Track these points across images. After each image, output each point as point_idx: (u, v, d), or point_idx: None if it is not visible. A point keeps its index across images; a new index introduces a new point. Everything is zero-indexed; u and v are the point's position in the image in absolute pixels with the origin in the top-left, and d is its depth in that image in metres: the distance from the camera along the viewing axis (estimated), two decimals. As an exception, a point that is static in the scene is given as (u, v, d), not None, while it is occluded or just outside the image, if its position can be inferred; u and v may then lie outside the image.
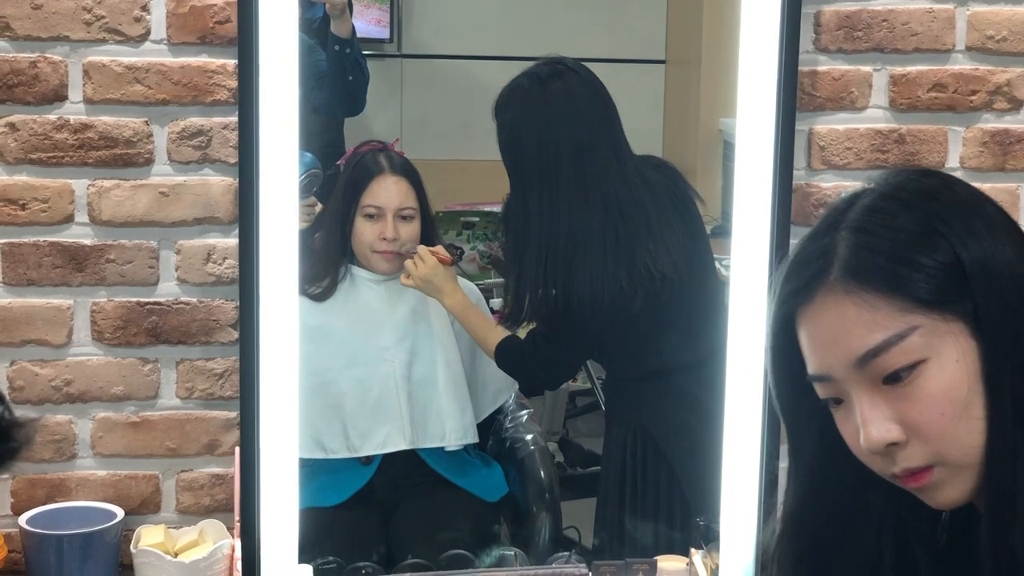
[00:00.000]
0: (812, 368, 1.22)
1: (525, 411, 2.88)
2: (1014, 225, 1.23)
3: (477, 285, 2.86)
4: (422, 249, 2.66)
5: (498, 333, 2.65)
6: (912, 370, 1.17)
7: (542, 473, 2.78)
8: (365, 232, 2.69)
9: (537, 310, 2.57)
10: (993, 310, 1.17)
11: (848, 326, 1.18)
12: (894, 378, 1.17)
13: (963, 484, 1.19)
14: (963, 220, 1.19)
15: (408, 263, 2.65)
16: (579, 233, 2.51)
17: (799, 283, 1.22)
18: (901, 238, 1.18)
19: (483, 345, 2.67)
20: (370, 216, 2.69)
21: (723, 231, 3.02)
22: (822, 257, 1.21)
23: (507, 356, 2.64)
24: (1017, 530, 1.16)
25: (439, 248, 2.69)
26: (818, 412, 1.26)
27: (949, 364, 1.17)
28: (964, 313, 1.17)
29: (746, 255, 2.20)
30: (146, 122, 2.19)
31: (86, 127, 2.18)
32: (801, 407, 1.28)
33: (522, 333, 2.69)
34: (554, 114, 2.55)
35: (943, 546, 1.28)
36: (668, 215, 2.60)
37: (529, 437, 2.83)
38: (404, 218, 2.70)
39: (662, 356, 2.61)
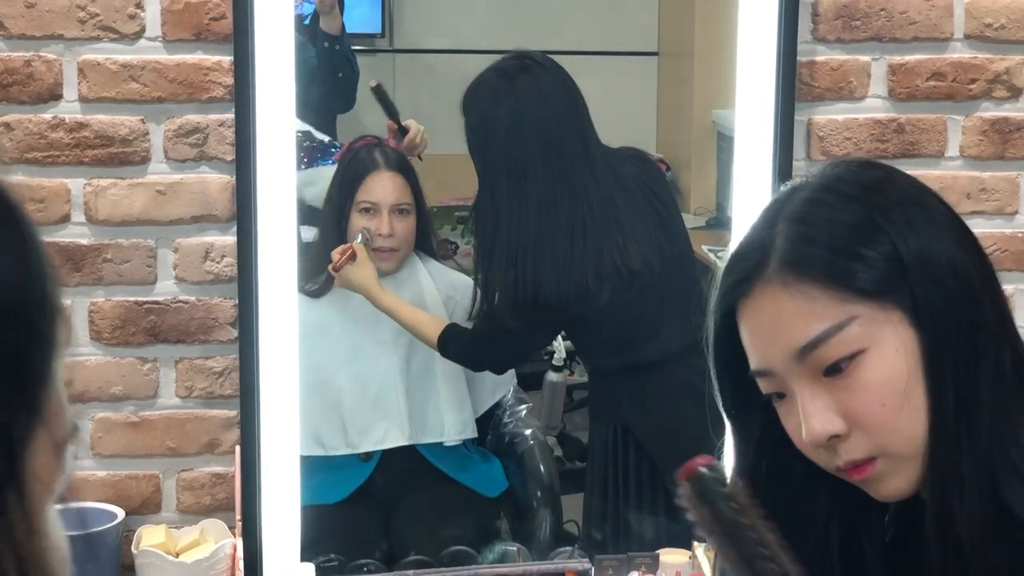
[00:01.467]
0: (753, 363, 1.21)
1: (524, 406, 2.87)
2: (955, 217, 1.22)
3: (474, 279, 2.85)
4: (334, 254, 2.63)
5: (436, 324, 2.64)
6: (852, 360, 1.16)
7: (542, 468, 2.77)
8: (360, 228, 2.67)
9: (505, 304, 2.57)
10: (933, 301, 1.16)
11: (787, 318, 1.17)
12: (834, 369, 1.16)
13: (907, 475, 1.18)
14: (903, 212, 1.18)
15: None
16: (547, 227, 2.51)
17: (738, 276, 1.21)
18: (840, 230, 1.17)
19: (423, 338, 2.64)
20: (366, 212, 2.68)
21: (718, 223, 3.02)
22: (760, 249, 1.19)
23: (453, 344, 2.62)
24: (963, 519, 1.15)
25: (341, 248, 2.64)
26: (761, 408, 1.25)
27: (889, 353, 1.16)
28: (903, 303, 1.16)
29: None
30: (142, 120, 2.17)
31: (81, 126, 2.16)
32: (744, 403, 1.27)
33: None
34: (522, 108, 2.54)
35: (890, 538, 1.27)
36: (640, 208, 2.59)
37: (528, 432, 2.83)
38: (400, 213, 2.69)
39: (637, 351, 2.60)
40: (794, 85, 2.19)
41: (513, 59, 2.60)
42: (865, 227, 1.17)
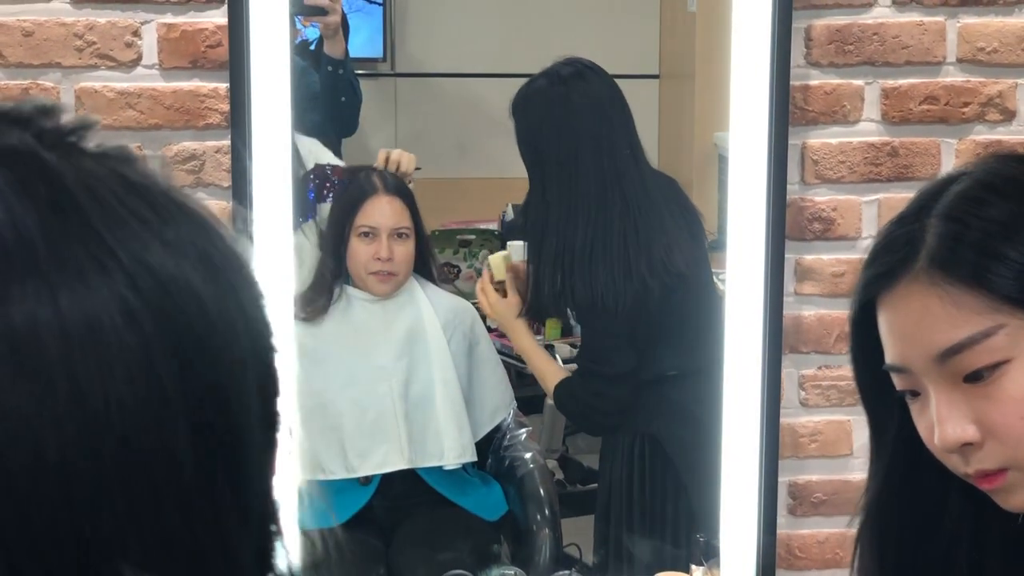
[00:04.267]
0: (890, 358, 1.17)
1: (524, 429, 2.88)
2: None
3: (473, 303, 2.86)
4: (483, 282, 2.71)
5: (557, 375, 2.69)
6: (994, 370, 1.11)
7: (542, 491, 2.78)
8: (360, 253, 2.69)
9: (557, 304, 2.62)
10: None
11: (930, 319, 1.12)
12: (975, 377, 1.12)
13: None
14: None
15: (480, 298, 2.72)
16: (599, 227, 2.55)
17: (883, 268, 1.16)
18: (992, 230, 1.12)
19: (543, 386, 2.72)
20: (365, 236, 2.69)
21: (719, 245, 3.02)
22: (909, 244, 1.15)
23: (563, 396, 2.68)
24: None
25: (518, 264, 2.71)
26: (898, 400, 1.20)
27: None
28: None
29: (741, 270, 2.20)
30: (139, 147, 2.19)
31: (79, 153, 2.17)
32: (881, 394, 1.22)
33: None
34: (575, 109, 2.60)
35: (1017, 546, 1.23)
36: (676, 218, 2.65)
37: (528, 455, 2.83)
38: (399, 237, 2.70)
39: (664, 362, 2.62)
40: (788, 109, 2.20)
41: (565, 64, 2.66)
42: (1018, 227, 1.12)
